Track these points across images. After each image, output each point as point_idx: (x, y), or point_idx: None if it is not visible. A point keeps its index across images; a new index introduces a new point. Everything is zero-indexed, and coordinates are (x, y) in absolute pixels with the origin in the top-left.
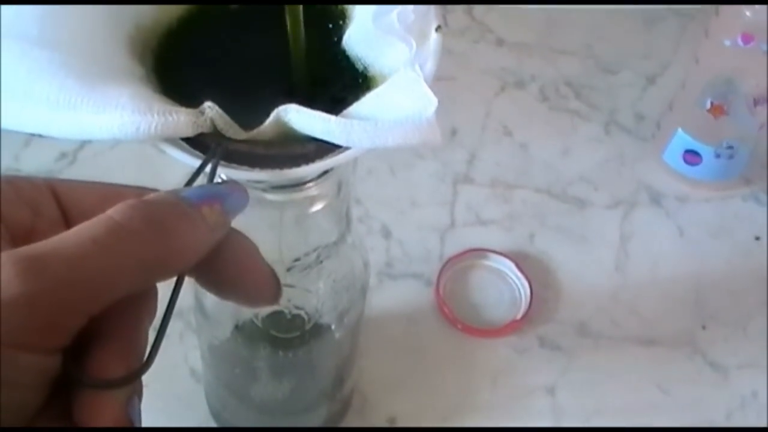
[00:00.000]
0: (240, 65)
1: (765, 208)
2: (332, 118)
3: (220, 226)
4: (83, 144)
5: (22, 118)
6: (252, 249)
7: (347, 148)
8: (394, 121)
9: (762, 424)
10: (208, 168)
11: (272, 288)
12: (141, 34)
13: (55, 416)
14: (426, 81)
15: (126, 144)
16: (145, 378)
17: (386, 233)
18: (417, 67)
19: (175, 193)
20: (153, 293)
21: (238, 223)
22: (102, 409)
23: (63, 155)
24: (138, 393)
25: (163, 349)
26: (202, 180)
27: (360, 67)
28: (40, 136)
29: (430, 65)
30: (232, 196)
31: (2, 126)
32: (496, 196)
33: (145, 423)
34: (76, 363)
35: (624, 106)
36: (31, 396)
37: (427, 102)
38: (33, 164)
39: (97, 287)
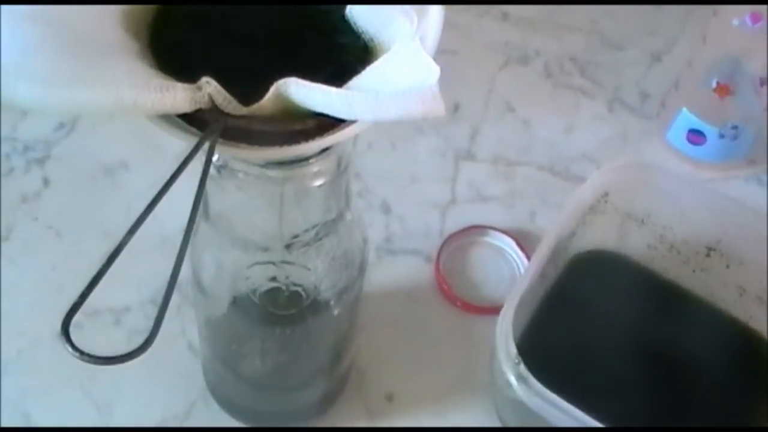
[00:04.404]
0: (238, 39)
1: (767, 190)
2: (332, 90)
3: None
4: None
5: (17, 95)
6: None
7: (348, 125)
8: (396, 92)
9: None
10: (206, 145)
11: None
12: (135, 9)
13: None
14: (428, 53)
15: None
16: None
17: (386, 209)
18: (417, 38)
19: None
20: None
21: (238, 199)
22: None
23: (61, 125)
24: None
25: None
26: (200, 157)
27: (363, 40)
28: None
29: (431, 38)
30: None
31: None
32: (498, 173)
33: (142, 396)
34: None
35: (629, 83)
36: None
37: (429, 72)
38: (31, 134)
39: None
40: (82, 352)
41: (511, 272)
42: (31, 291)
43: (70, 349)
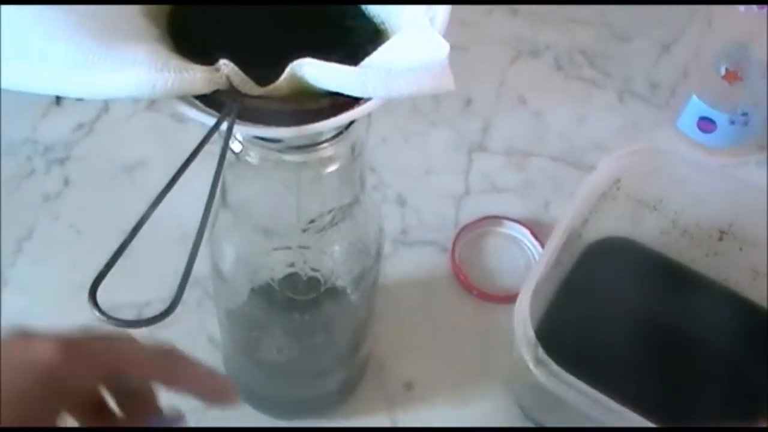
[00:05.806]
0: (253, 24)
1: None
2: (346, 68)
3: None
4: (100, 114)
5: (39, 79)
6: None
7: (361, 103)
8: (408, 68)
9: None
10: (224, 127)
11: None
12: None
13: None
14: (437, 31)
15: (142, 114)
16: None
17: (401, 201)
18: (427, 19)
19: None
20: None
21: (255, 186)
22: None
23: (80, 126)
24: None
25: (181, 317)
26: (217, 139)
27: (374, 24)
28: (57, 101)
29: (441, 17)
30: None
31: (18, 88)
32: (511, 164)
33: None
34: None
35: (638, 74)
36: None
37: (439, 48)
38: (50, 135)
39: None
40: (108, 316)
41: (526, 261)
42: (54, 288)
43: (97, 313)
